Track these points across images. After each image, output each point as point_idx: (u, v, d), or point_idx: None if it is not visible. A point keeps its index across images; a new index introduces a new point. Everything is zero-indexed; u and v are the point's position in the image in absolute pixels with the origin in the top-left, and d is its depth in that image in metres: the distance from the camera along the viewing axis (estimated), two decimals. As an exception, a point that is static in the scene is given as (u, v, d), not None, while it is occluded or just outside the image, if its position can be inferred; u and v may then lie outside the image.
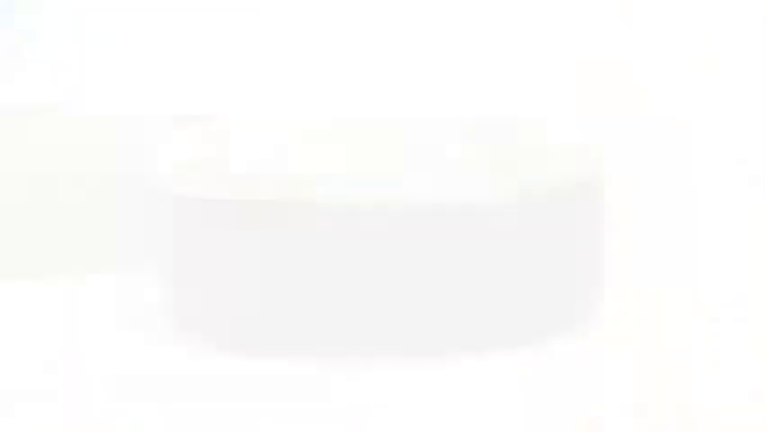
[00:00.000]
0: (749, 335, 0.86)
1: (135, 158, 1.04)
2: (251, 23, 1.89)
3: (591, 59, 1.84)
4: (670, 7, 1.84)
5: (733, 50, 1.82)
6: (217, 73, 1.84)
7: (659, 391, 0.74)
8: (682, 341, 0.84)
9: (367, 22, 1.88)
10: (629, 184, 1.50)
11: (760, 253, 1.17)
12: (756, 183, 1.60)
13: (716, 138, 1.72)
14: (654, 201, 1.50)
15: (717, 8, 1.83)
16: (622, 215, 1.27)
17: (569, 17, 1.87)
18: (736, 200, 1.49)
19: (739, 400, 0.72)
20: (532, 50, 1.86)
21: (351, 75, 1.84)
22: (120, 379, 0.73)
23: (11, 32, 1.87)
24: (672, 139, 1.72)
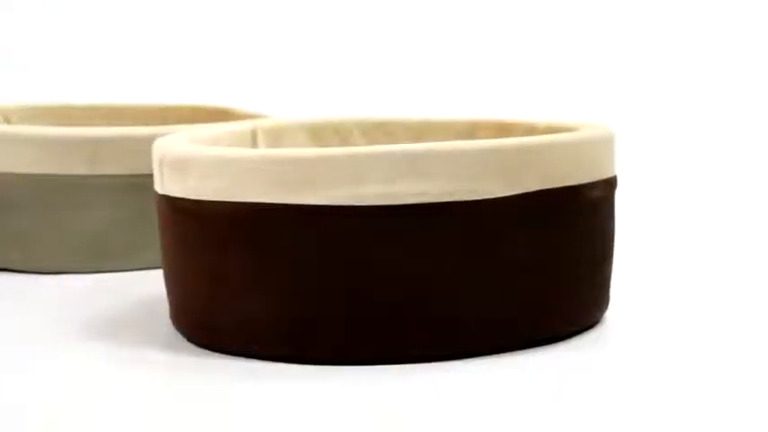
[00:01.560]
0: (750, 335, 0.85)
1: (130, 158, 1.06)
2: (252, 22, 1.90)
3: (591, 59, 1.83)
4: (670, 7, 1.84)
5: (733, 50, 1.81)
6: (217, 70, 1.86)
7: (660, 391, 0.73)
8: (685, 342, 0.83)
9: (367, 22, 1.89)
10: (634, 184, 1.48)
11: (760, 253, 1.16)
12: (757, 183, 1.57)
13: (716, 138, 1.71)
14: (660, 201, 1.49)
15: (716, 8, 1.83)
16: (627, 215, 1.26)
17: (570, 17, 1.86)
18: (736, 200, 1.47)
19: (738, 401, 0.71)
20: (532, 50, 1.85)
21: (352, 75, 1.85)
22: (116, 381, 0.74)
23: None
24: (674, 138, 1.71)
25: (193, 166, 0.79)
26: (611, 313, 0.91)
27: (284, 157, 0.77)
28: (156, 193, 0.85)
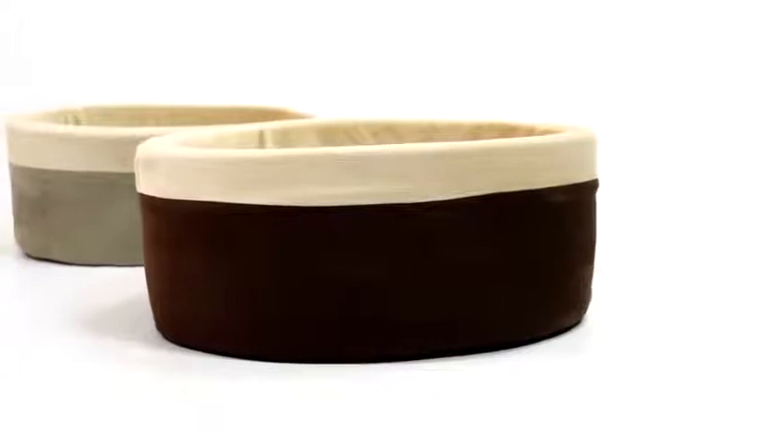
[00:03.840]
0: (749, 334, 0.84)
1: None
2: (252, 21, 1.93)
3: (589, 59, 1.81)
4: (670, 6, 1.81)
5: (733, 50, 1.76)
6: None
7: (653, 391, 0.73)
8: (677, 341, 0.83)
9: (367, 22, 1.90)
10: (624, 184, 1.46)
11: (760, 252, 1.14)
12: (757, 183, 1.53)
13: (715, 137, 1.67)
14: (650, 200, 1.46)
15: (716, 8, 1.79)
16: (616, 215, 1.25)
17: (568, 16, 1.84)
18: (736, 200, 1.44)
19: (716, 401, 0.70)
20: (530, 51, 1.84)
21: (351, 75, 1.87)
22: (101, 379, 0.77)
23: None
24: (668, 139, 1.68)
25: (158, 166, 0.83)
26: (589, 315, 0.91)
27: (234, 157, 0.80)
28: (137, 191, 0.89)
